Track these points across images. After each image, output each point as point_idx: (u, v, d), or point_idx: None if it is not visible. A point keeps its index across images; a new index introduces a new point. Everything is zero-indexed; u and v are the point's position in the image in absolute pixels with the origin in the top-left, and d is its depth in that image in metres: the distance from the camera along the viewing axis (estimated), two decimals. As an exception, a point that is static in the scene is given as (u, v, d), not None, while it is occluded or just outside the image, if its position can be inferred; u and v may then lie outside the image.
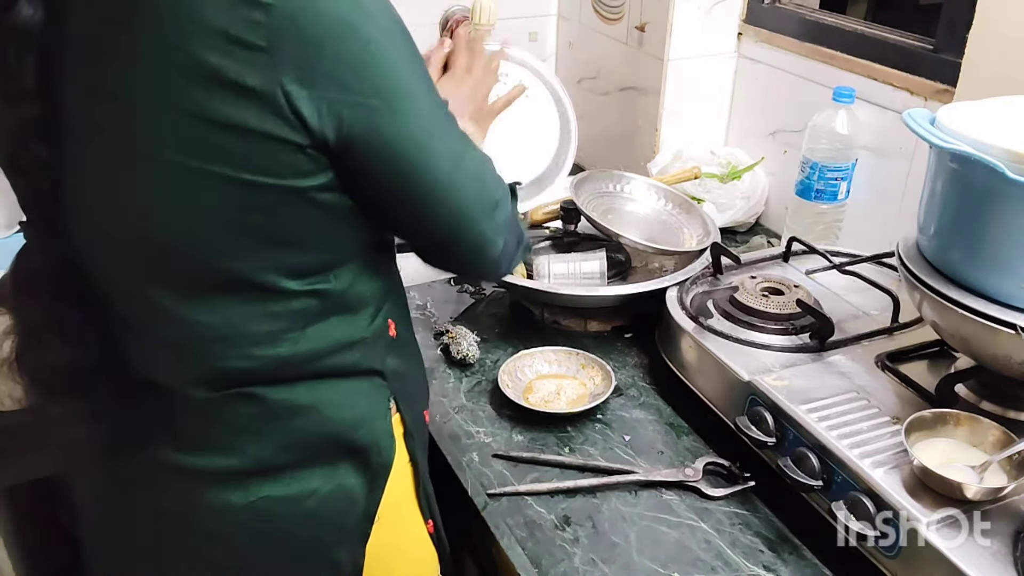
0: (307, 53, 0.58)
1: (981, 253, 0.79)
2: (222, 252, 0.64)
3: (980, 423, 0.81)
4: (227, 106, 0.58)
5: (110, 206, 0.64)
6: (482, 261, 0.76)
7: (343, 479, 0.74)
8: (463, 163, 0.71)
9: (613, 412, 1.05)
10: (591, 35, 1.71)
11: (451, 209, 0.71)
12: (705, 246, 1.22)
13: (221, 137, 0.59)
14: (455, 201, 0.71)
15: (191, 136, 0.59)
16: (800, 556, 0.84)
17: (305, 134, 0.60)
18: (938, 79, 1.16)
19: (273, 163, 0.60)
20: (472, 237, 0.74)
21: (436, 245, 0.76)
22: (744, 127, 1.57)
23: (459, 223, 0.72)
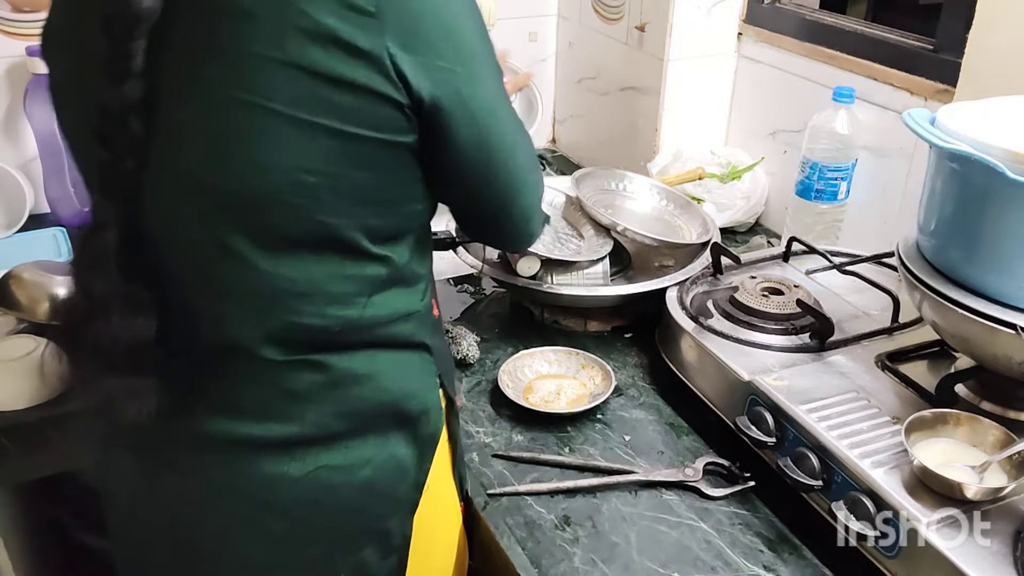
0: (409, 20, 0.64)
1: (981, 253, 0.79)
2: (316, 205, 0.66)
3: (980, 423, 0.81)
4: (339, 64, 0.62)
5: (214, 162, 0.65)
6: (524, 231, 0.85)
7: (395, 449, 0.77)
8: (521, 131, 0.77)
9: (613, 412, 1.05)
10: (591, 35, 1.71)
11: (511, 176, 0.77)
12: (705, 240, 1.22)
13: (330, 92, 0.62)
14: (514, 169, 0.77)
15: (302, 90, 0.62)
16: (800, 556, 0.84)
17: (405, 93, 0.65)
18: (938, 79, 1.16)
19: (375, 118, 0.65)
20: (522, 205, 0.81)
21: (488, 215, 0.82)
22: (744, 127, 1.57)
23: (515, 191, 0.79)
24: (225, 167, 0.65)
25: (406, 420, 0.77)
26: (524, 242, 0.89)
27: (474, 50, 0.69)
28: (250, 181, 0.65)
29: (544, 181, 0.85)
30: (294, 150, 0.64)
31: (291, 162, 0.64)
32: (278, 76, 0.62)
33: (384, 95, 0.64)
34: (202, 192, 0.66)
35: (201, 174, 0.66)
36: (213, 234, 0.68)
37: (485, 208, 0.80)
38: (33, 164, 1.46)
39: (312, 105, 0.63)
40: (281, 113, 0.62)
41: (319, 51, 0.61)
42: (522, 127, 0.78)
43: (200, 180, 0.66)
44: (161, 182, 0.67)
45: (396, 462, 0.77)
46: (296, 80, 0.62)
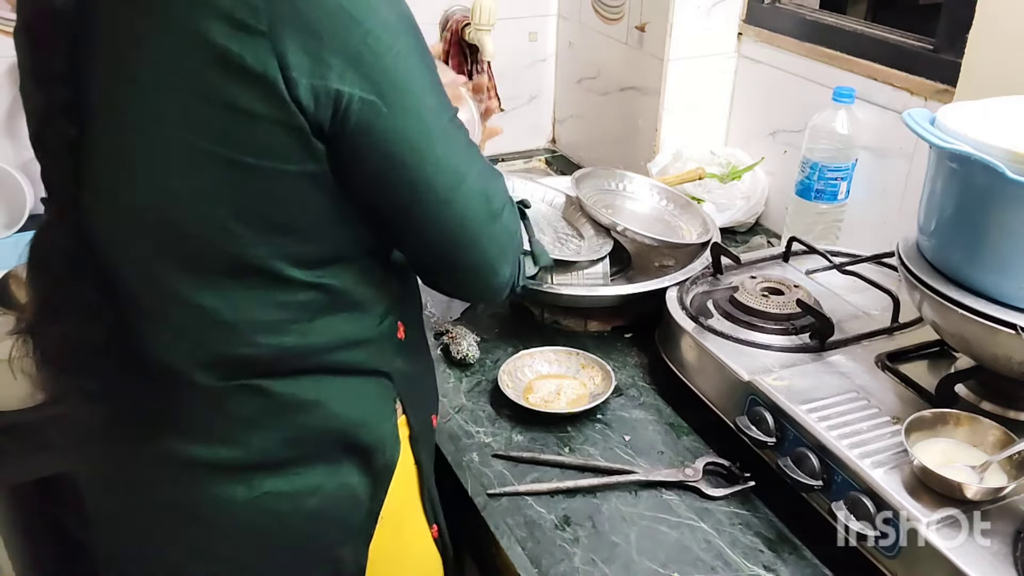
0: (305, 39, 0.58)
1: (981, 253, 0.79)
2: (228, 235, 0.64)
3: (980, 423, 0.81)
4: (231, 88, 0.58)
5: (125, 185, 0.65)
6: (484, 285, 0.76)
7: (346, 477, 0.75)
8: (467, 177, 0.69)
9: (613, 412, 1.05)
10: (591, 35, 1.71)
11: (450, 226, 0.70)
12: (705, 239, 1.22)
13: (225, 119, 0.59)
14: (454, 218, 0.69)
15: (198, 116, 0.60)
16: (800, 556, 0.84)
17: (303, 119, 0.60)
18: (938, 79, 1.16)
19: (274, 146, 0.61)
20: (472, 259, 0.73)
21: (435, 264, 0.75)
22: (744, 127, 1.57)
23: (459, 242, 0.71)
24: (138, 191, 0.64)
25: (357, 450, 0.75)
26: (493, 295, 0.78)
27: (393, 76, 0.62)
28: (160, 207, 0.64)
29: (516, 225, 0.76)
30: (195, 180, 0.62)
31: (194, 191, 0.63)
32: (175, 102, 0.60)
33: (279, 121, 0.60)
34: (124, 212, 0.66)
35: (120, 195, 0.66)
36: (137, 255, 0.67)
37: (430, 254, 0.73)
38: (33, 164, 1.43)
39: (208, 133, 0.60)
40: (179, 141, 0.61)
41: (209, 73, 0.58)
42: (477, 166, 0.70)
43: (120, 201, 0.66)
44: (95, 199, 0.67)
45: (348, 491, 0.75)
46: (192, 106, 0.60)
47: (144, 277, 0.68)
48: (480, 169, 0.71)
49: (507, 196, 0.76)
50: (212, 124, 0.60)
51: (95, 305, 0.68)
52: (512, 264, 0.77)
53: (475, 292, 0.80)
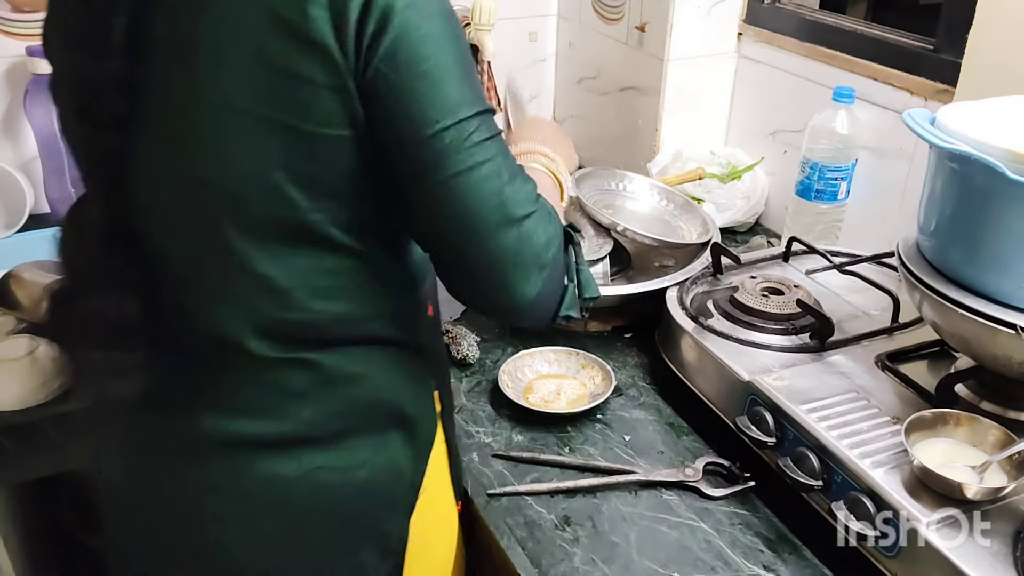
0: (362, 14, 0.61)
1: (981, 253, 0.79)
2: (284, 200, 0.66)
3: (980, 423, 0.81)
4: (293, 56, 0.61)
5: (182, 154, 0.66)
6: (500, 297, 0.71)
7: (392, 450, 0.77)
8: (481, 168, 0.67)
9: (613, 412, 1.05)
10: (591, 35, 1.71)
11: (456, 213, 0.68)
12: (705, 239, 1.22)
13: (285, 86, 0.62)
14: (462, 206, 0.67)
15: (260, 84, 0.62)
16: (800, 556, 0.84)
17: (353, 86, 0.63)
18: (938, 79, 1.16)
19: (327, 112, 0.63)
20: (481, 261, 0.69)
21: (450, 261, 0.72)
22: (744, 127, 1.57)
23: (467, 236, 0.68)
24: (195, 158, 0.66)
25: (402, 420, 0.77)
26: (504, 310, 0.73)
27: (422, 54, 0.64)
28: (214, 174, 0.65)
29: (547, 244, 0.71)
30: (255, 147, 0.64)
31: (252, 158, 0.64)
32: (237, 71, 0.62)
33: (336, 88, 0.63)
34: (178, 181, 0.67)
35: (176, 163, 0.67)
36: (191, 224, 0.68)
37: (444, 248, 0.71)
38: (33, 164, 1.46)
39: (268, 99, 0.63)
40: (242, 108, 0.63)
41: (276, 42, 0.61)
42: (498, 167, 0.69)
43: (175, 169, 0.67)
44: (142, 164, 0.67)
45: (393, 464, 0.77)
46: (254, 73, 0.62)
47: (198, 246, 0.69)
48: (502, 166, 0.69)
49: (537, 205, 0.72)
50: (274, 91, 0.62)
51: (130, 280, 0.69)
52: (538, 284, 0.71)
53: (492, 304, 0.74)
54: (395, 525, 0.79)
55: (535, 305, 0.72)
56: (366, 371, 0.74)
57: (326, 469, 0.73)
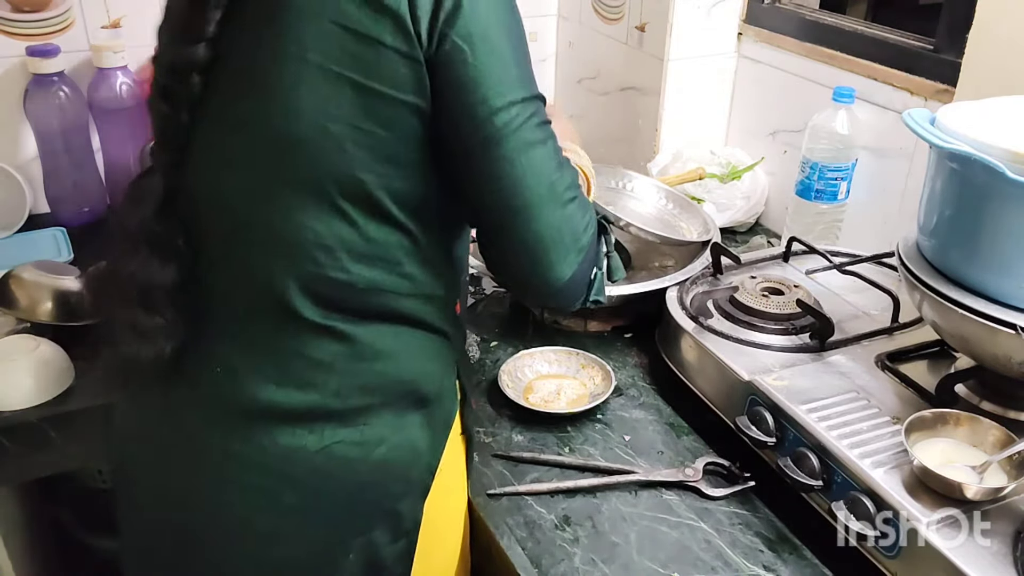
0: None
1: (981, 253, 0.79)
2: (345, 157, 0.70)
3: (980, 423, 0.81)
4: (367, 19, 0.67)
5: (254, 105, 0.71)
6: (540, 274, 0.75)
7: (410, 430, 0.78)
8: (535, 148, 0.73)
9: (613, 412, 1.05)
10: (591, 35, 1.71)
11: (508, 189, 0.72)
12: (707, 238, 1.22)
13: (358, 46, 0.67)
14: (514, 181, 0.72)
15: (334, 42, 0.67)
16: (800, 556, 0.84)
17: (421, 54, 0.68)
18: (938, 79, 1.16)
19: (396, 75, 0.68)
20: (527, 235, 0.74)
21: (494, 234, 0.77)
22: (744, 127, 1.57)
23: (515, 211, 0.73)
24: (263, 110, 0.70)
25: (423, 401, 0.78)
26: (542, 290, 0.77)
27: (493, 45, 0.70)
28: (283, 125, 0.70)
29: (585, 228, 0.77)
30: (322, 99, 0.68)
31: (320, 110, 0.68)
32: (315, 29, 0.68)
33: (405, 54, 0.67)
34: (242, 134, 0.72)
35: (244, 116, 0.72)
36: (247, 178, 0.73)
37: (485, 223, 0.77)
38: (33, 164, 1.46)
39: (342, 58, 0.67)
40: (315, 64, 0.68)
41: (351, 6, 0.67)
42: (551, 150, 0.74)
43: (242, 123, 0.72)
44: (209, 130, 0.73)
45: (410, 443, 0.78)
46: (330, 34, 0.67)
47: (248, 200, 0.73)
48: (553, 150, 0.75)
49: (579, 192, 0.77)
50: (346, 49, 0.67)
51: (173, 246, 0.74)
52: (573, 265, 0.76)
53: (532, 280, 0.77)
54: (409, 506, 0.79)
55: (567, 287, 0.77)
56: (394, 349, 0.76)
57: (345, 444, 0.74)
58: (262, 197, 0.72)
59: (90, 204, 1.48)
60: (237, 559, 0.76)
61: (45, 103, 1.39)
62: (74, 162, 1.44)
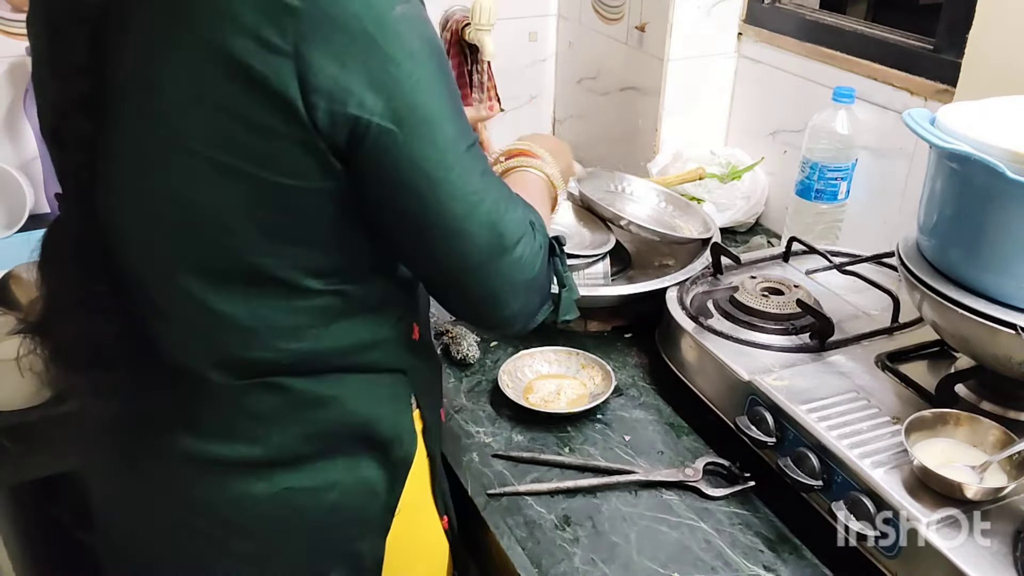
0: (328, 63, 0.58)
1: (981, 253, 0.79)
2: (247, 245, 0.64)
3: (980, 423, 0.81)
4: (254, 105, 0.59)
5: (143, 190, 0.65)
6: (490, 315, 0.75)
7: (365, 472, 0.75)
8: (479, 207, 0.67)
9: (613, 412, 1.05)
10: (591, 35, 1.71)
11: (458, 256, 0.69)
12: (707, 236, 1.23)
13: (247, 135, 0.60)
14: (463, 248, 0.68)
15: (220, 130, 0.60)
16: (800, 556, 0.84)
17: (321, 141, 0.60)
18: (938, 79, 1.16)
19: (293, 164, 0.61)
20: (479, 290, 0.72)
21: (445, 288, 0.74)
22: (744, 127, 1.57)
23: (464, 271, 0.70)
24: (157, 198, 0.64)
25: (375, 444, 0.76)
26: (492, 326, 0.78)
27: (413, 105, 0.62)
28: (178, 216, 0.64)
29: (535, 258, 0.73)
30: (216, 191, 0.62)
31: (214, 202, 0.63)
32: (199, 116, 0.60)
33: (301, 141, 0.60)
34: (140, 215, 0.66)
35: (137, 198, 0.65)
36: (152, 258, 0.68)
37: (437, 279, 0.73)
38: (33, 164, 1.46)
39: (232, 149, 0.60)
40: (201, 154, 0.61)
41: (235, 90, 0.58)
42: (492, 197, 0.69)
43: (138, 204, 0.66)
44: (112, 199, 0.66)
45: (366, 485, 0.76)
46: (216, 121, 0.60)
47: (160, 278, 0.68)
48: (495, 199, 0.69)
49: (525, 228, 0.72)
50: (234, 139, 0.60)
51: (106, 302, 0.68)
52: (523, 298, 0.74)
53: (482, 321, 0.79)
54: (369, 546, 0.78)
55: (518, 317, 0.76)
56: (337, 394, 0.73)
57: (294, 491, 0.72)
58: (167, 276, 0.67)
59: (90, 204, 1.48)
60: None
61: (45, 103, 1.39)
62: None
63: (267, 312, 0.68)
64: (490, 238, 0.69)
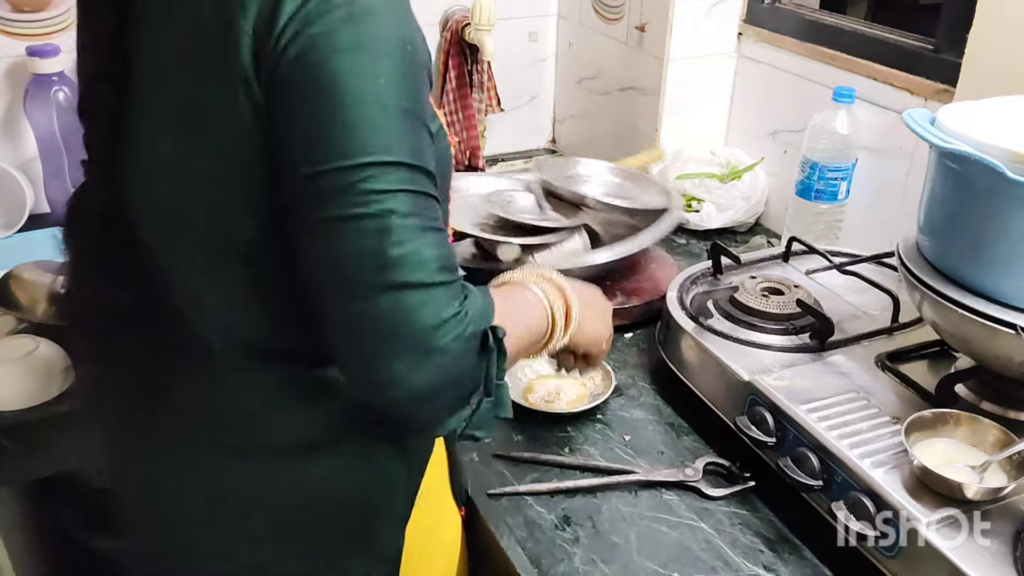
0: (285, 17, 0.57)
1: (981, 253, 0.79)
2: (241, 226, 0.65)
3: (980, 423, 0.81)
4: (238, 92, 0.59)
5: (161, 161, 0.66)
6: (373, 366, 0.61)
7: (382, 459, 0.75)
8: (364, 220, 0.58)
9: (613, 412, 1.05)
10: (591, 35, 1.71)
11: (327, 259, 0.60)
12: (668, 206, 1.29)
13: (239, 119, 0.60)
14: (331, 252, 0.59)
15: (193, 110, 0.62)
16: (800, 556, 0.84)
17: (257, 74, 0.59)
18: (938, 79, 1.16)
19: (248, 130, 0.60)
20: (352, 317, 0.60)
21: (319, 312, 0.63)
22: (744, 127, 1.57)
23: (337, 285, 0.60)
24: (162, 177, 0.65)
25: (396, 431, 0.75)
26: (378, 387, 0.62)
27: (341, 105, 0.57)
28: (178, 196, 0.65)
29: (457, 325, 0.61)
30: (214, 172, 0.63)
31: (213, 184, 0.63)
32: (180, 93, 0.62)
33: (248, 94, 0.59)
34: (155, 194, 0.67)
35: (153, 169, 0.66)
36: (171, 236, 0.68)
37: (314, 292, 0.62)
38: (33, 164, 1.46)
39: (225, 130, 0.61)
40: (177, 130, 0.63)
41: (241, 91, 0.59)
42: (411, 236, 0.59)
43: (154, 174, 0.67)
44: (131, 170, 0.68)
45: (383, 473, 0.75)
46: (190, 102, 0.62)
47: (176, 251, 0.69)
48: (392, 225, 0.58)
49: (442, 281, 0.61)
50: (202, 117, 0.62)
51: (122, 270, 0.69)
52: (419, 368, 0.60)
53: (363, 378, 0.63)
54: (387, 534, 0.78)
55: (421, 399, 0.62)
56: None
57: (314, 476, 0.72)
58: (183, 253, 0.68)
59: (90, 204, 1.48)
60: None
61: (45, 103, 1.38)
62: (74, 162, 1.44)
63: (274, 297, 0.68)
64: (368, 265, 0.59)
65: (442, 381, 0.62)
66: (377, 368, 0.60)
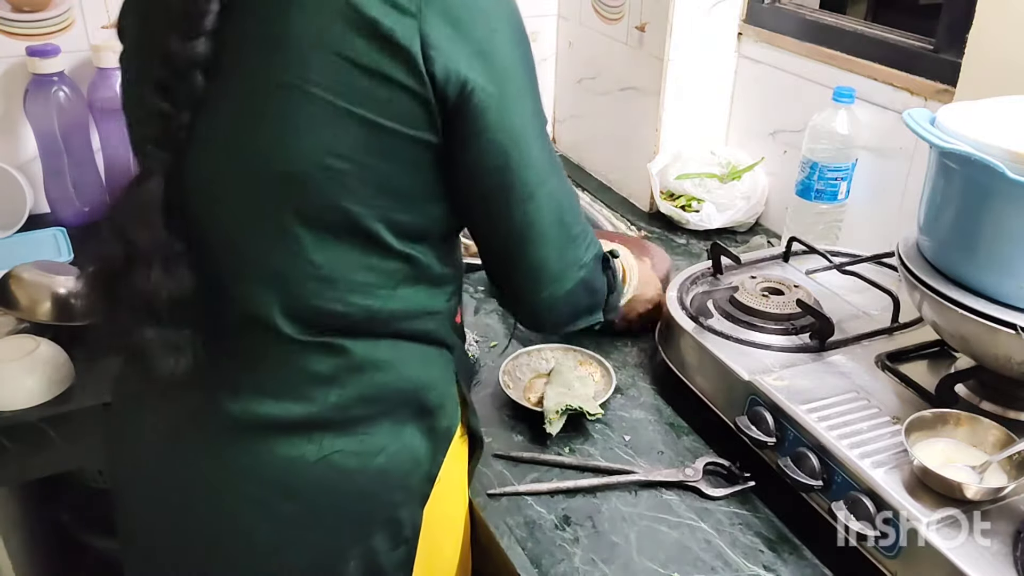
0: (445, 25, 0.66)
1: (981, 253, 0.79)
2: (345, 191, 0.68)
3: (980, 423, 0.81)
4: (377, 55, 0.65)
5: (253, 137, 0.69)
6: (533, 291, 0.79)
7: (410, 439, 0.78)
8: (549, 181, 0.75)
9: (613, 412, 1.05)
10: (591, 35, 1.71)
11: (523, 221, 0.74)
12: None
13: (367, 82, 0.66)
14: (529, 214, 0.74)
15: (342, 78, 0.66)
16: (800, 556, 0.84)
17: (433, 93, 0.67)
18: (938, 79, 1.16)
19: (405, 112, 0.67)
20: (533, 259, 0.77)
21: (500, 253, 0.79)
22: (744, 127, 1.57)
23: (524, 238, 0.75)
24: (259, 142, 0.69)
25: (424, 411, 0.78)
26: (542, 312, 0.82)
27: (510, 74, 0.70)
28: (281, 159, 0.68)
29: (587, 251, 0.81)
30: (326, 134, 0.67)
31: (322, 145, 0.67)
32: (321, 63, 0.66)
33: (415, 92, 0.66)
34: (238, 162, 0.70)
35: (238, 145, 0.69)
36: (242, 205, 0.71)
37: (496, 244, 0.78)
38: (33, 164, 1.46)
39: (349, 94, 0.66)
40: (319, 97, 0.66)
41: (361, 42, 0.65)
42: (561, 180, 0.77)
43: (237, 151, 0.70)
44: (207, 144, 0.70)
45: (410, 452, 0.78)
46: (338, 68, 0.65)
47: (242, 225, 0.72)
48: (562, 180, 0.77)
49: (585, 225, 0.80)
50: (354, 85, 0.66)
51: (182, 255, 0.71)
52: (570, 285, 0.80)
53: (524, 297, 0.81)
54: (409, 513, 0.79)
55: (560, 304, 0.80)
56: (394, 359, 0.76)
57: (344, 453, 0.74)
58: (254, 222, 0.71)
59: (90, 204, 1.48)
60: (238, 569, 0.76)
61: (45, 103, 1.38)
62: (74, 162, 1.44)
63: (345, 265, 0.72)
64: (554, 212, 0.76)
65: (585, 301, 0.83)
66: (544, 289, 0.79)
